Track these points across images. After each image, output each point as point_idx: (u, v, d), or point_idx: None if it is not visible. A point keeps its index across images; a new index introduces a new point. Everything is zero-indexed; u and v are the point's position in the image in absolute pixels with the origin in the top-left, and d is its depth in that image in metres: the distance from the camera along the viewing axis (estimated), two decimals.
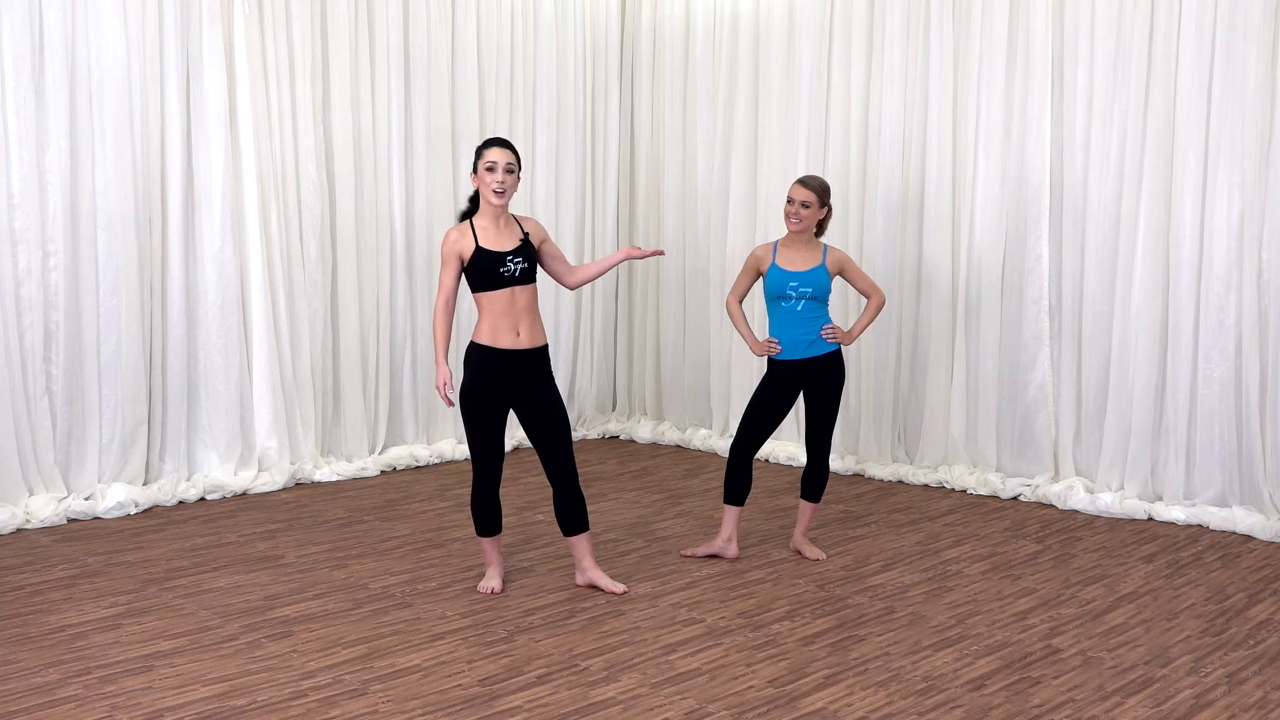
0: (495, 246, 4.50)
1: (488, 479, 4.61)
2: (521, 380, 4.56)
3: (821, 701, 3.70)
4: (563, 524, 4.73)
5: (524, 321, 4.53)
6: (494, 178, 4.47)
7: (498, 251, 4.49)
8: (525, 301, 4.54)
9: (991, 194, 6.50)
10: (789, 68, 7.31)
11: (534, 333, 4.57)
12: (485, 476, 4.60)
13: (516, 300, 4.52)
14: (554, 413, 4.61)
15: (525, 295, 4.54)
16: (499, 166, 4.47)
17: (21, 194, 5.56)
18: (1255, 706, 3.70)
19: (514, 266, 4.49)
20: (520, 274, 4.51)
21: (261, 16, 6.32)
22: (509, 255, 4.49)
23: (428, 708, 3.61)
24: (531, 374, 4.57)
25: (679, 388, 8.02)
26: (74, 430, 5.85)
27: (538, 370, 4.59)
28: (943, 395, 6.76)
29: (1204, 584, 4.95)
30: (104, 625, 4.28)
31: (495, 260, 4.48)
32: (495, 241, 4.51)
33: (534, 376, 4.58)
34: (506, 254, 4.49)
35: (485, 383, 4.53)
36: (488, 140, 4.59)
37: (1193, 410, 5.93)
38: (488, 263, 4.48)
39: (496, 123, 7.44)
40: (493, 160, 4.48)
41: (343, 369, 6.88)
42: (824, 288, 5.08)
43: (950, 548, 5.47)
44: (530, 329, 4.55)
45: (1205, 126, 5.81)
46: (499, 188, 4.47)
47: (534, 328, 4.57)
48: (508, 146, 4.53)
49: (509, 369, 4.53)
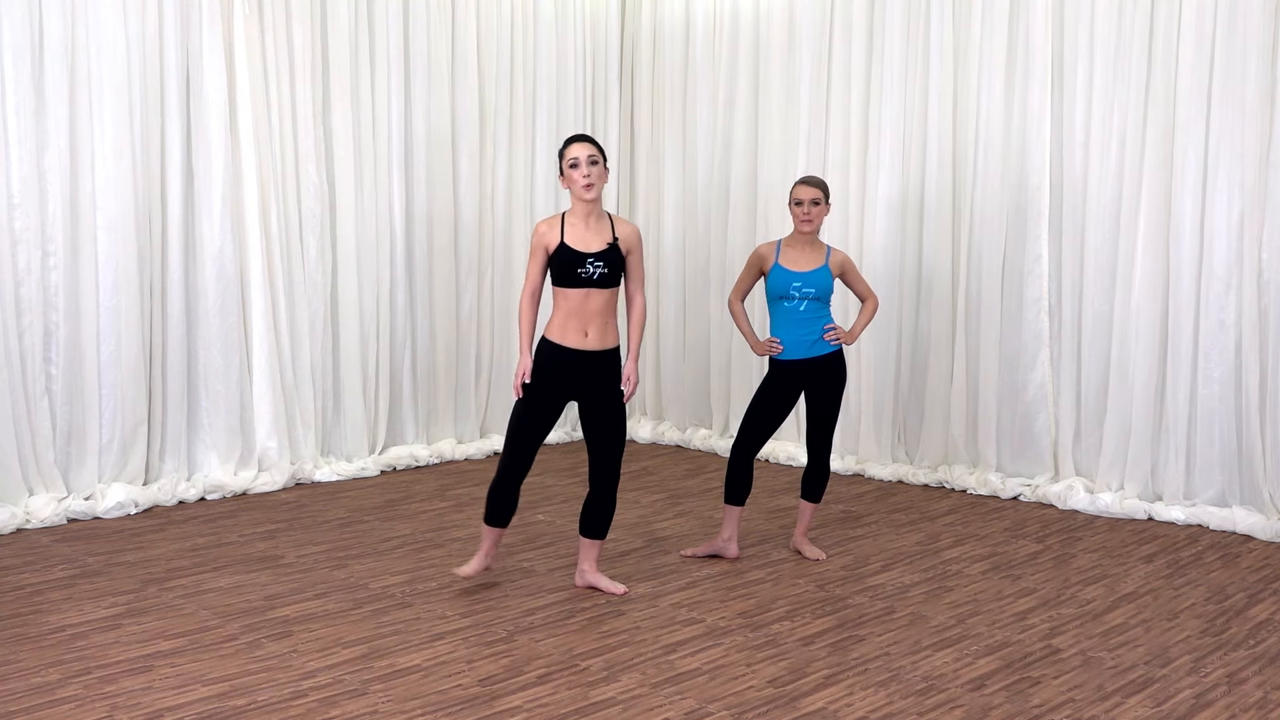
0: (579, 245, 4.43)
1: (514, 467, 4.57)
2: (584, 380, 4.51)
3: (821, 701, 3.70)
4: (583, 523, 4.70)
5: (594, 324, 4.46)
6: (579, 174, 4.40)
7: (580, 251, 4.42)
8: (599, 304, 4.46)
9: (991, 194, 6.50)
10: (789, 68, 7.31)
11: (604, 336, 4.49)
12: (512, 464, 4.56)
13: (590, 302, 4.45)
14: (611, 415, 4.54)
15: (600, 298, 4.46)
16: (582, 161, 4.41)
17: (21, 194, 5.56)
18: (1255, 706, 3.70)
19: (593, 269, 4.42)
20: (599, 278, 4.43)
21: (261, 16, 6.32)
22: (590, 257, 4.42)
23: (428, 708, 3.61)
24: (594, 375, 4.51)
25: (679, 388, 8.02)
26: (74, 430, 5.85)
27: (602, 372, 4.52)
28: (943, 395, 6.76)
29: (1204, 584, 4.95)
30: (104, 625, 4.28)
31: (576, 259, 4.41)
32: (581, 240, 4.45)
33: (597, 377, 4.52)
34: (589, 255, 4.42)
35: (546, 377, 4.50)
36: (567, 140, 4.53)
37: (1193, 410, 5.93)
38: (568, 260, 4.41)
39: (496, 123, 7.45)
40: (575, 157, 4.42)
41: (343, 369, 6.88)
42: (827, 288, 5.08)
43: (950, 548, 5.47)
44: (601, 332, 4.48)
45: (1205, 126, 5.81)
46: (587, 182, 4.40)
47: (605, 331, 4.49)
48: (588, 140, 4.47)
49: (572, 368, 4.49)
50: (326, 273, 6.74)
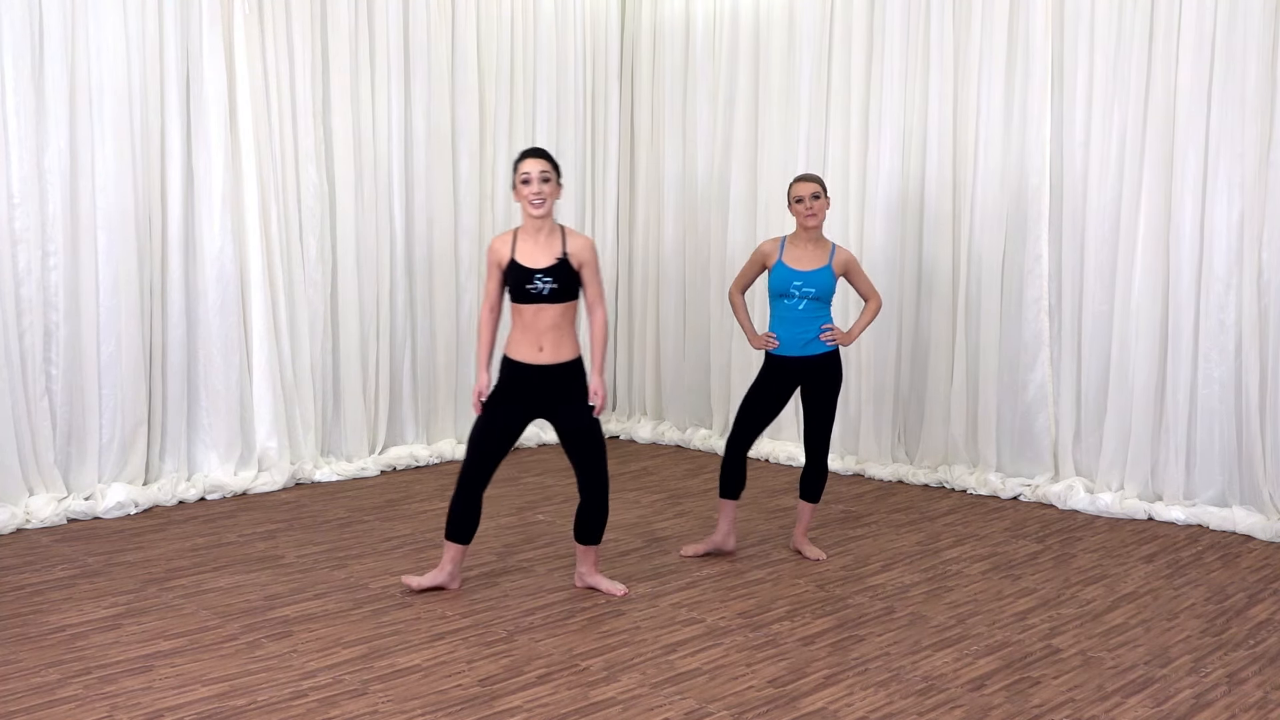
0: (528, 261, 4.43)
1: (473, 481, 4.53)
2: (545, 395, 4.50)
3: (821, 701, 3.70)
4: (577, 530, 4.69)
5: (548, 339, 4.44)
6: (530, 190, 4.40)
7: (529, 267, 4.42)
8: (551, 320, 4.43)
9: (991, 194, 6.50)
10: (789, 67, 7.31)
11: (558, 350, 4.46)
12: (472, 477, 4.53)
13: (542, 317, 4.43)
14: (585, 433, 4.52)
15: (552, 313, 4.43)
16: (534, 177, 4.40)
17: (21, 194, 5.56)
18: (1255, 706, 3.70)
19: (542, 285, 4.40)
20: (550, 293, 4.41)
21: (261, 16, 6.32)
22: (539, 273, 4.41)
23: (428, 708, 3.61)
24: (555, 389, 4.49)
25: (679, 388, 8.02)
26: (74, 430, 5.85)
27: (562, 386, 4.50)
28: (943, 395, 6.76)
29: (1204, 584, 4.95)
30: (104, 625, 4.28)
31: (525, 275, 4.41)
32: (530, 256, 4.44)
33: (558, 392, 4.50)
34: (537, 271, 4.41)
35: (507, 393, 4.50)
36: (521, 153, 4.52)
37: (1193, 410, 5.93)
38: (519, 276, 4.42)
39: (496, 123, 7.45)
40: (527, 172, 4.41)
41: (343, 369, 6.87)
42: (828, 288, 5.08)
43: (950, 548, 5.47)
44: (555, 346, 4.45)
45: (1205, 126, 5.81)
46: (536, 199, 4.39)
47: (559, 345, 4.46)
48: (542, 156, 4.45)
49: (530, 384, 4.48)
50: (326, 273, 6.74)
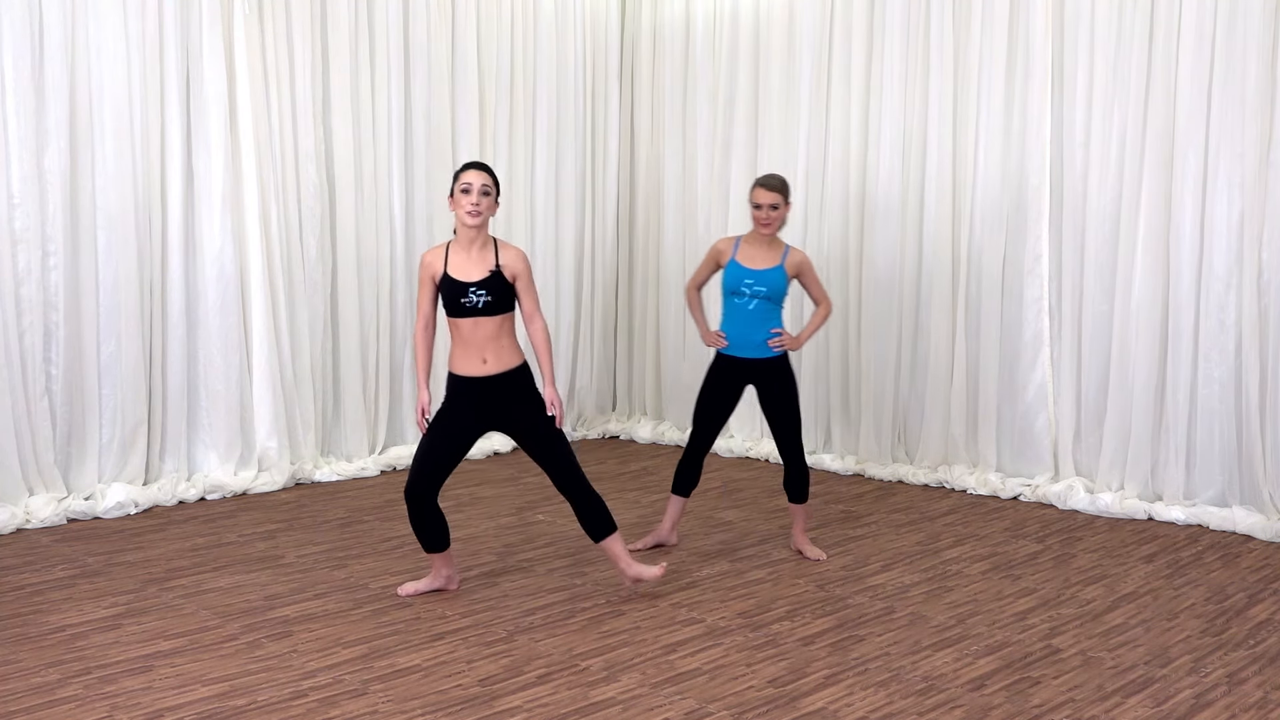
0: (461, 275, 4.39)
1: (419, 493, 4.45)
2: (494, 406, 4.46)
3: (821, 701, 3.70)
4: (588, 532, 4.64)
5: (489, 350, 4.41)
6: (469, 200, 4.36)
7: (461, 281, 4.38)
8: (489, 332, 4.40)
9: (991, 194, 6.50)
10: (789, 68, 7.31)
11: (502, 358, 4.43)
12: (415, 482, 4.45)
13: (479, 330, 4.39)
14: (546, 441, 4.49)
15: (489, 325, 4.40)
16: (474, 189, 4.37)
17: (21, 194, 5.56)
18: (1255, 706, 3.70)
19: (475, 299, 4.37)
20: (484, 306, 4.38)
21: (261, 16, 6.32)
22: (472, 286, 4.37)
23: (428, 708, 3.61)
24: (506, 398, 4.46)
25: (679, 388, 8.01)
26: (74, 430, 5.85)
27: (511, 395, 4.47)
28: (943, 395, 6.76)
29: (1204, 584, 4.95)
30: (104, 625, 4.28)
31: (459, 289, 4.37)
32: (463, 270, 4.40)
33: (507, 401, 4.47)
34: (470, 285, 4.38)
35: (457, 407, 4.46)
36: (465, 164, 4.51)
37: (1193, 410, 5.93)
38: (452, 290, 4.38)
39: (496, 123, 7.45)
40: (469, 183, 4.38)
41: (343, 369, 6.88)
42: (779, 289, 5.08)
43: (950, 548, 5.47)
44: (497, 355, 4.42)
45: (1205, 126, 5.81)
46: (473, 210, 4.36)
47: (502, 354, 4.43)
48: (484, 169, 4.43)
49: (477, 396, 4.44)
50: (326, 273, 6.74)
